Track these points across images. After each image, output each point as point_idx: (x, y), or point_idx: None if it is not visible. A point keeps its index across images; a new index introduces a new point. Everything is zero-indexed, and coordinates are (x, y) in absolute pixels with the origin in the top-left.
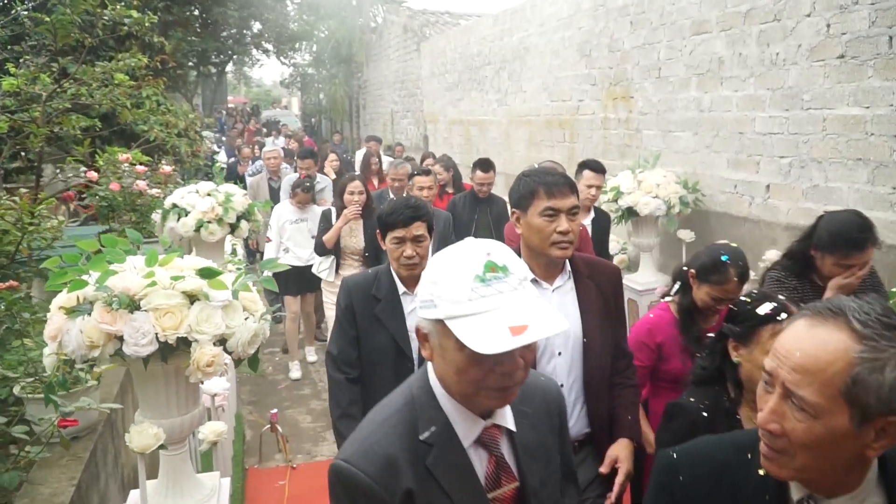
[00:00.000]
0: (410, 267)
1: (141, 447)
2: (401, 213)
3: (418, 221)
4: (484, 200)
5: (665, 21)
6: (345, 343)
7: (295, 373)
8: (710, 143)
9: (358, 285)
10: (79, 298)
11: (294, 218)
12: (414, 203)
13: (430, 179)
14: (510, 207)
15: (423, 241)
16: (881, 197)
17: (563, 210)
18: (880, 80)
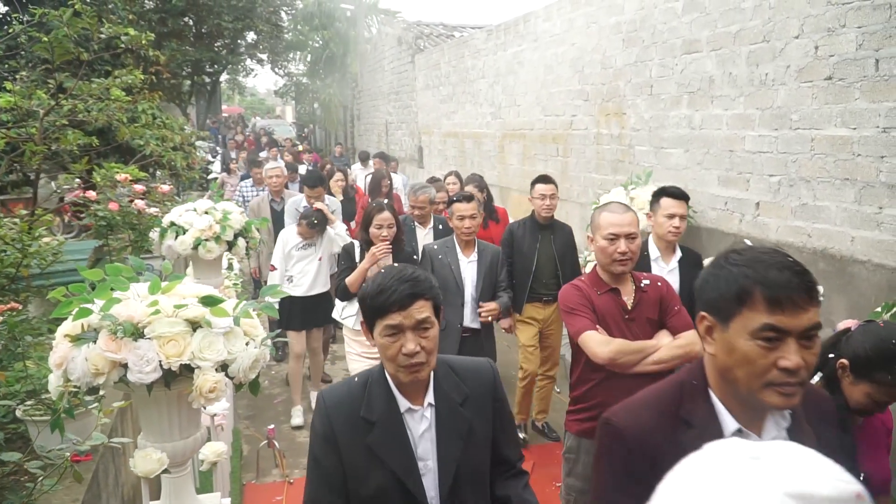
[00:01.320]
0: (413, 369)
1: (145, 472)
2: (394, 291)
3: (421, 300)
4: (546, 227)
5: (657, 40)
6: (323, 490)
7: (296, 419)
8: (701, 160)
9: (339, 404)
10: (84, 326)
11: (300, 243)
12: (412, 275)
13: (474, 207)
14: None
15: (430, 330)
16: (868, 216)
17: (793, 333)
18: (867, 101)
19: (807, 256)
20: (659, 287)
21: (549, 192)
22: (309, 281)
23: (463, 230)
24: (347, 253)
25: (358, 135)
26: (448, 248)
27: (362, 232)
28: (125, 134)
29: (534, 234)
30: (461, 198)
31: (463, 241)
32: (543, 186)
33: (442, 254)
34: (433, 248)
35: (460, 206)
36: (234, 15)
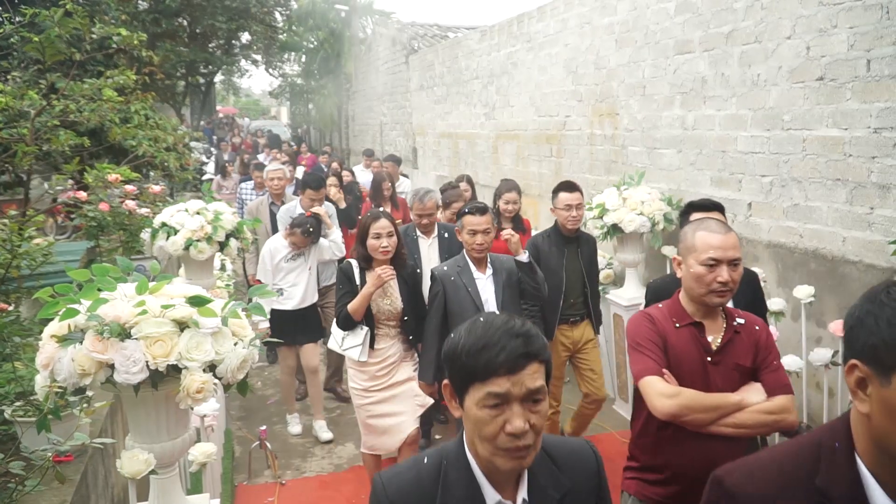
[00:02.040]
0: (518, 454)
1: (132, 473)
2: (502, 349)
3: (535, 363)
4: (572, 240)
5: (649, 40)
6: None
7: (295, 427)
8: (693, 160)
9: (405, 497)
10: (70, 327)
11: (290, 254)
12: (522, 328)
13: (488, 220)
14: None
15: (542, 403)
16: (859, 217)
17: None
18: (858, 102)
19: (798, 257)
20: (757, 331)
21: (576, 202)
22: (300, 293)
23: (474, 247)
24: (345, 275)
25: (352, 135)
26: (460, 266)
27: (359, 246)
28: (117, 134)
29: (560, 249)
30: (474, 209)
31: (475, 258)
32: (568, 196)
33: (454, 274)
34: (443, 271)
35: (472, 220)
36: (228, 15)
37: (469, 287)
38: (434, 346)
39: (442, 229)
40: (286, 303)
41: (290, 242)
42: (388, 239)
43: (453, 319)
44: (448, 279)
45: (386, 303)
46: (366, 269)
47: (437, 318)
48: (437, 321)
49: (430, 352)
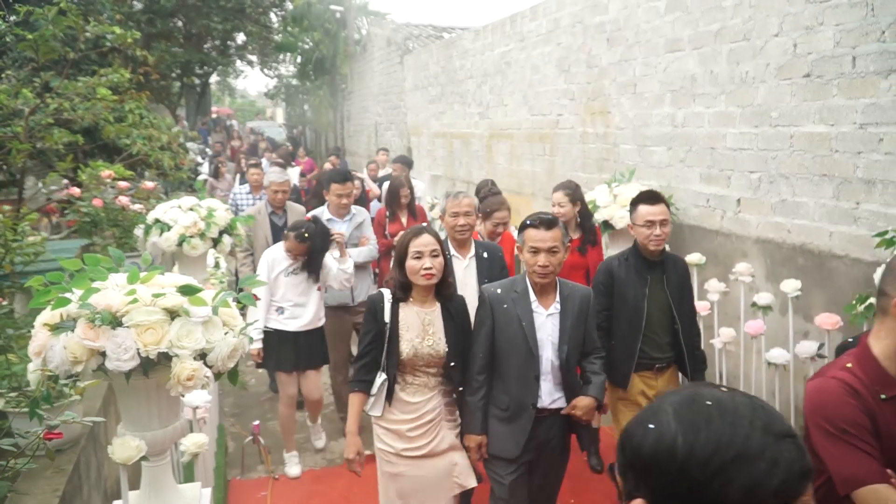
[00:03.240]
0: None
1: (123, 459)
2: (773, 463)
3: (809, 484)
4: (656, 264)
5: (640, 39)
6: None
7: (293, 468)
8: (683, 157)
9: None
10: (62, 315)
11: (290, 267)
12: (782, 424)
13: (557, 236)
14: None
15: None
16: (845, 212)
17: None
18: (844, 98)
19: (786, 252)
20: None
21: (660, 217)
22: (309, 314)
23: (536, 269)
24: (371, 309)
25: (348, 136)
26: (517, 293)
27: (397, 270)
28: (111, 132)
29: (641, 275)
30: (538, 221)
31: (538, 284)
32: (650, 210)
33: (508, 302)
34: (495, 294)
35: (536, 235)
36: (223, 16)
37: (524, 321)
38: (481, 388)
39: (480, 248)
40: (288, 323)
41: (287, 248)
42: (433, 259)
43: (499, 357)
44: (499, 305)
45: (426, 344)
46: (402, 299)
47: (484, 351)
48: (484, 356)
49: (476, 395)
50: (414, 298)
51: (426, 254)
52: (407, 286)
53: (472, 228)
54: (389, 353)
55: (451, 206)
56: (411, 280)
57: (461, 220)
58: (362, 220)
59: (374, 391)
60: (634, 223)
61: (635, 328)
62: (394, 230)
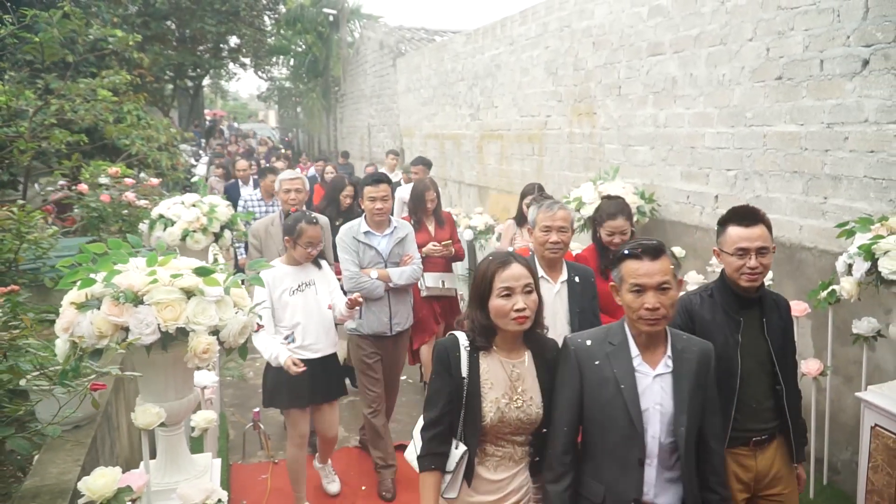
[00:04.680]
0: None
1: (145, 424)
2: None
3: None
4: (752, 302)
5: (624, 43)
6: None
7: None
8: (665, 156)
9: None
10: (87, 295)
11: (294, 284)
12: None
13: (665, 267)
14: None
15: None
16: (814, 206)
17: None
18: (812, 99)
19: None
20: None
21: (757, 244)
22: (325, 339)
23: (642, 315)
24: (442, 357)
25: (341, 138)
26: (613, 346)
27: (475, 311)
28: (112, 132)
29: (730, 319)
30: (643, 249)
31: (644, 334)
32: (744, 233)
33: (601, 357)
34: (584, 346)
35: (640, 268)
36: (217, 19)
37: (623, 383)
38: (567, 474)
39: (573, 271)
40: (301, 352)
41: (298, 259)
42: (526, 297)
43: (590, 433)
44: (590, 362)
45: (515, 406)
46: (483, 348)
47: (569, 423)
48: (570, 430)
49: (560, 483)
50: (498, 346)
51: (518, 290)
52: (490, 331)
53: (566, 247)
54: (468, 419)
55: (543, 218)
56: (497, 324)
57: (554, 235)
58: (405, 234)
59: (451, 468)
60: (723, 248)
61: (727, 388)
62: (420, 241)
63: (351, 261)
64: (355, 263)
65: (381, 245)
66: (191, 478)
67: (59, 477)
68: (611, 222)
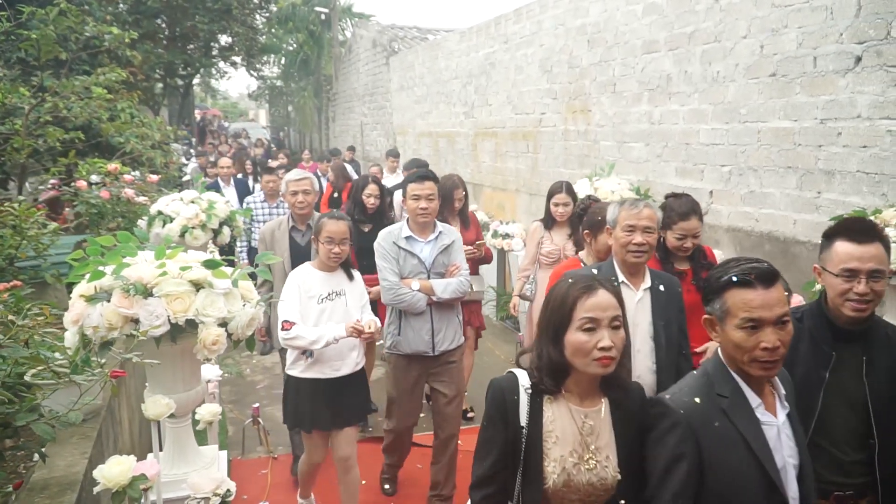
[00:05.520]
0: None
1: (154, 415)
2: None
3: None
4: (854, 335)
5: (619, 40)
6: None
7: None
8: (660, 153)
9: None
10: (97, 288)
11: (324, 291)
12: None
13: (779, 295)
14: None
15: None
16: (808, 201)
17: None
18: (806, 96)
19: (755, 239)
20: None
21: (868, 266)
22: (353, 355)
23: (759, 355)
24: (497, 400)
25: (333, 136)
26: (727, 398)
27: (546, 345)
28: (109, 129)
29: (821, 350)
30: (756, 274)
31: (758, 380)
32: (855, 249)
33: (717, 416)
34: (693, 407)
35: (755, 298)
36: (209, 17)
37: (752, 439)
38: None
39: (656, 278)
40: (323, 370)
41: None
42: (613, 333)
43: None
44: (707, 426)
45: (585, 467)
46: (550, 391)
47: (686, 497)
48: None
49: None
50: (569, 391)
51: (604, 323)
52: (562, 371)
53: (651, 250)
54: (527, 480)
55: (627, 216)
56: (573, 363)
57: (638, 236)
58: (451, 241)
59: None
60: (825, 267)
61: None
62: None
63: (390, 269)
64: (395, 273)
65: (425, 252)
66: (199, 469)
67: (67, 469)
68: (683, 223)
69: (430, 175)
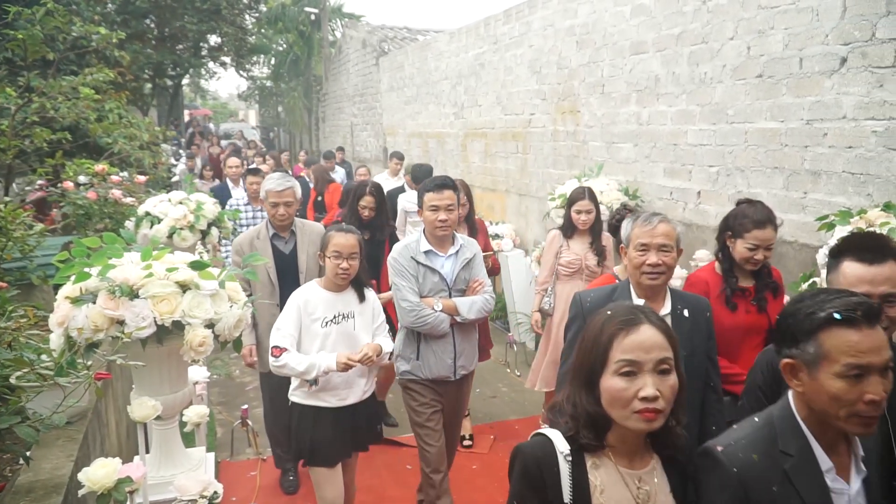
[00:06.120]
0: None
1: (141, 417)
2: None
3: None
4: None
5: (607, 41)
6: None
7: None
8: (648, 153)
9: None
10: (82, 289)
11: (329, 313)
12: None
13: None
14: None
15: None
16: (794, 201)
17: None
18: (792, 97)
19: None
20: None
21: (881, 289)
22: (364, 381)
23: (861, 411)
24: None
25: (323, 137)
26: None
27: (582, 394)
28: (97, 130)
29: None
30: (867, 311)
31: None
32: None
33: (776, 477)
34: (750, 463)
35: (859, 342)
36: (198, 17)
37: None
38: None
39: (679, 301)
40: (328, 398)
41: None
42: (662, 381)
43: None
44: (765, 489)
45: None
46: (592, 448)
47: None
48: None
49: None
50: (613, 448)
51: (648, 367)
52: (602, 423)
53: (669, 271)
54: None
55: (640, 234)
56: (613, 417)
57: (653, 256)
58: (472, 255)
59: None
60: None
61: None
62: None
63: (409, 288)
64: (415, 292)
65: (446, 268)
66: (186, 471)
67: (53, 472)
68: (758, 232)
69: (450, 183)
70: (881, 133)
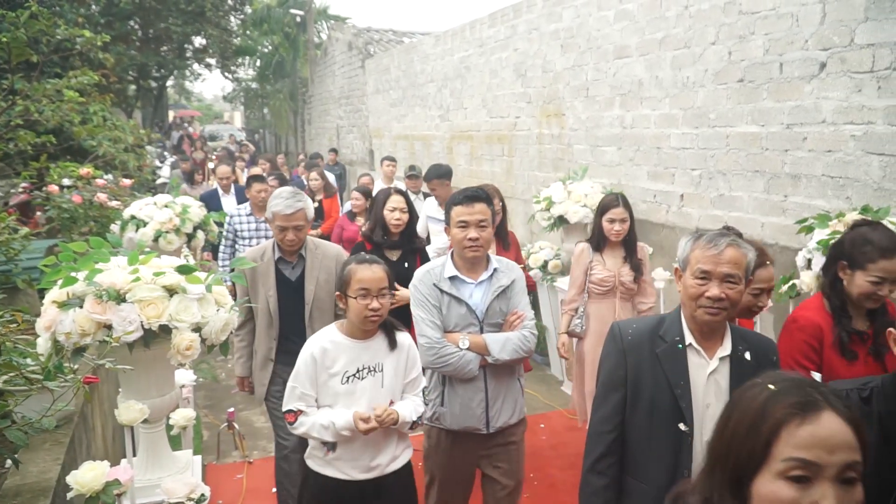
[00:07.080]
0: None
1: (128, 420)
2: None
3: None
4: None
5: (592, 45)
6: None
7: None
8: (632, 156)
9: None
10: (69, 294)
11: (352, 367)
12: None
13: None
14: None
15: None
16: (775, 204)
17: None
18: (773, 101)
19: None
20: None
21: None
22: (392, 451)
23: None
24: None
25: (309, 139)
26: None
27: (726, 496)
28: (81, 133)
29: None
30: None
31: None
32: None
33: None
34: None
35: None
36: (182, 19)
37: None
38: None
39: (742, 341)
40: (347, 469)
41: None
42: (842, 492)
43: None
44: None
45: None
46: None
47: None
48: None
49: None
50: None
51: (829, 472)
52: None
53: (733, 307)
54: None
55: (701, 257)
56: None
57: (715, 288)
58: (510, 281)
59: None
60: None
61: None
62: None
63: (430, 322)
64: (436, 326)
65: (475, 297)
66: (173, 474)
67: (40, 475)
68: (886, 263)
69: (482, 195)
70: (860, 137)
